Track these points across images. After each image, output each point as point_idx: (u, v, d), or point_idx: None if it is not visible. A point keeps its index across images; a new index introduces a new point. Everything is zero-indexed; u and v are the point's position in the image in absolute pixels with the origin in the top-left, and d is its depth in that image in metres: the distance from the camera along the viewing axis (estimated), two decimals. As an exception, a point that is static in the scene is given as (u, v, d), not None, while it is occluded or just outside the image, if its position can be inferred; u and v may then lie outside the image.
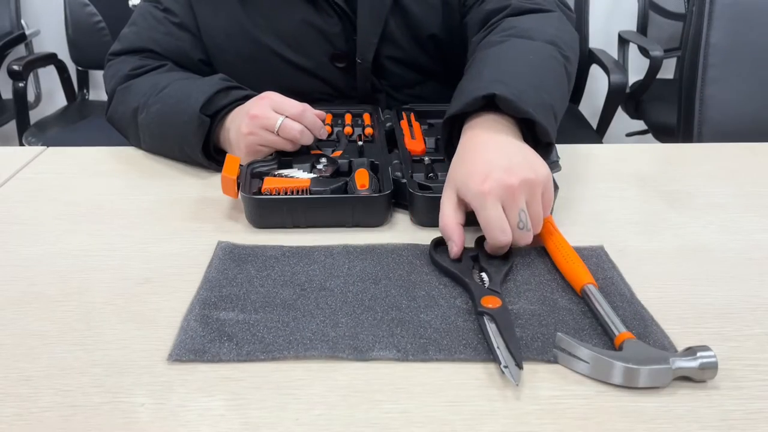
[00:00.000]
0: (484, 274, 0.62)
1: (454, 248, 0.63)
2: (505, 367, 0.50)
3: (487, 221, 0.61)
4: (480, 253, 0.65)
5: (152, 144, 0.91)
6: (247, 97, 0.84)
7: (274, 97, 0.80)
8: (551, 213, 0.71)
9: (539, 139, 0.71)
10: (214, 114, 0.83)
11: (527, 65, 0.75)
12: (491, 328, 0.54)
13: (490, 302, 0.56)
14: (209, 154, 0.85)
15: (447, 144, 0.75)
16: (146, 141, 0.91)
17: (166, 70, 0.95)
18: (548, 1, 0.87)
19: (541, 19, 0.84)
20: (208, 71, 0.98)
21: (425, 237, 0.69)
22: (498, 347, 0.52)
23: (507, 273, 0.62)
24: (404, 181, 0.73)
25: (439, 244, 0.67)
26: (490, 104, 0.69)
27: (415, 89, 1.01)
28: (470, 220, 0.65)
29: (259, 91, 0.84)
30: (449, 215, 0.64)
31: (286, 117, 0.77)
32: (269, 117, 0.77)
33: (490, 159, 0.63)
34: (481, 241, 0.67)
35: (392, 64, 0.98)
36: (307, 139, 0.80)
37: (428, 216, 0.71)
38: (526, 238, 0.63)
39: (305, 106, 0.79)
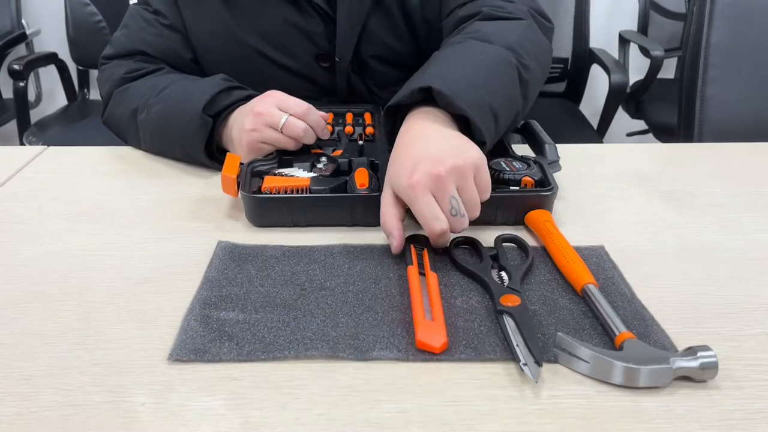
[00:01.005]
0: (503, 273, 0.62)
1: (395, 243, 0.64)
2: (524, 364, 0.50)
3: (420, 212, 0.61)
4: (500, 252, 0.65)
5: (153, 144, 0.91)
6: (249, 97, 0.84)
7: (278, 96, 0.80)
8: (551, 212, 0.72)
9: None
10: (217, 114, 0.83)
11: (474, 65, 0.75)
12: (510, 326, 0.54)
13: (510, 300, 0.57)
14: (212, 154, 0.85)
15: (390, 135, 0.75)
16: (146, 141, 0.91)
17: (163, 73, 0.95)
18: (521, 11, 0.86)
19: (506, 25, 0.83)
20: (200, 71, 0.98)
21: (425, 237, 0.69)
22: (517, 345, 0.52)
23: (527, 271, 0.63)
24: None
25: (459, 244, 0.67)
26: (432, 99, 0.70)
27: (400, 87, 1.01)
28: (501, 221, 0.67)
29: None
30: (387, 212, 0.65)
31: (290, 115, 0.78)
32: (273, 114, 0.77)
33: (418, 152, 0.64)
34: (500, 240, 0.67)
35: (376, 63, 0.98)
36: (310, 138, 0.80)
37: None
38: (462, 224, 0.62)
39: (309, 106, 0.79)
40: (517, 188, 0.73)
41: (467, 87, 0.70)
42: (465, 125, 0.70)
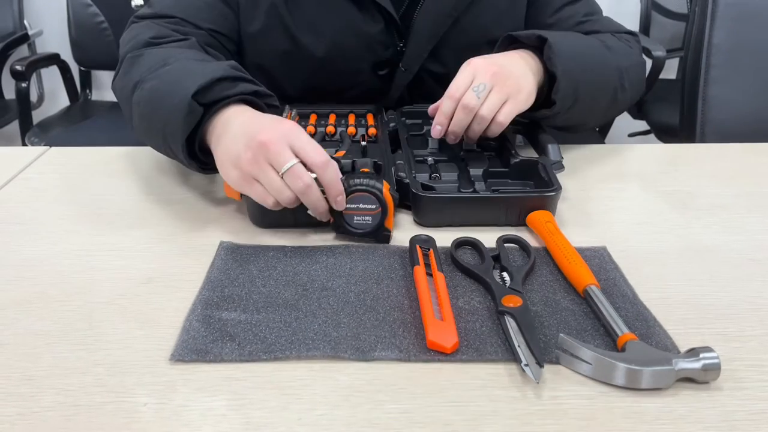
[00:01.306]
0: (505, 274, 0.62)
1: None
2: (526, 365, 0.50)
3: (454, 80, 0.75)
4: (501, 253, 0.65)
5: (140, 127, 0.77)
6: (256, 94, 0.73)
7: (297, 134, 0.64)
8: (553, 214, 0.72)
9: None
10: (212, 104, 0.69)
11: (590, 61, 0.85)
12: (512, 326, 0.54)
13: (511, 301, 0.57)
14: (192, 151, 0.72)
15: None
16: (136, 122, 0.78)
17: (184, 45, 0.83)
18: (631, 42, 0.95)
19: (623, 47, 0.92)
20: (234, 58, 0.93)
21: (427, 237, 0.69)
22: (519, 346, 0.52)
23: (528, 272, 0.63)
24: (407, 181, 0.73)
25: (460, 245, 0.67)
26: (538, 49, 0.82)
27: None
28: (505, 221, 0.69)
29: (283, 88, 0.83)
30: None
31: (300, 162, 0.63)
32: (281, 153, 0.62)
33: (497, 58, 0.79)
34: (501, 241, 0.67)
35: (431, 80, 0.98)
36: (314, 200, 0.64)
37: (431, 216, 0.72)
38: (471, 107, 0.74)
39: (331, 161, 0.64)
40: (520, 189, 0.73)
41: (573, 62, 0.81)
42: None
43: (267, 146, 0.62)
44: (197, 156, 0.72)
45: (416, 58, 0.94)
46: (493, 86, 0.74)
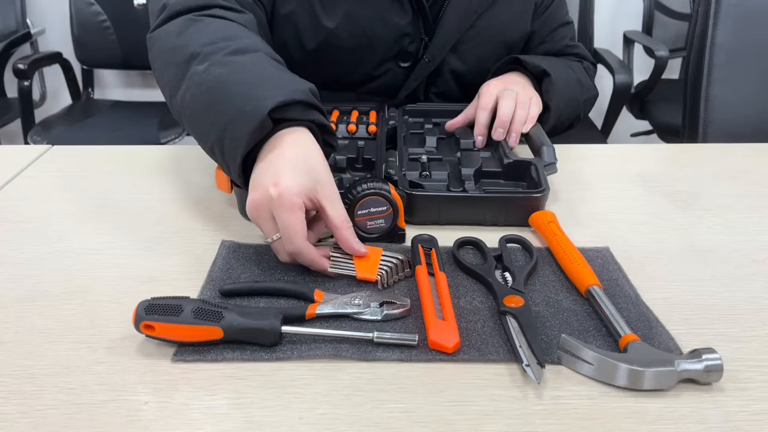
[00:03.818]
0: (507, 274, 0.62)
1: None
2: (527, 365, 0.50)
3: (481, 97, 0.88)
4: (504, 253, 0.65)
5: (185, 107, 0.68)
6: (323, 127, 0.66)
7: (331, 205, 0.60)
8: (555, 220, 0.72)
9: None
10: (279, 120, 0.63)
11: (571, 90, 0.98)
12: (513, 326, 0.54)
13: (513, 301, 0.57)
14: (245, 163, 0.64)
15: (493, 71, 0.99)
16: (182, 99, 0.68)
17: (250, 30, 0.77)
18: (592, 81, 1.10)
19: (588, 82, 1.07)
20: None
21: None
22: (520, 346, 0.52)
23: (530, 272, 0.63)
24: (396, 178, 0.73)
25: (462, 244, 0.67)
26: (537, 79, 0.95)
27: (455, 100, 1.04)
28: (491, 221, 0.69)
29: (308, 78, 0.86)
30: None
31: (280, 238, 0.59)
32: (292, 217, 0.58)
33: (508, 77, 0.94)
34: (504, 241, 0.67)
35: (449, 75, 1.01)
36: (309, 262, 0.61)
37: (417, 213, 0.71)
38: (509, 105, 0.86)
39: (347, 221, 0.62)
40: (510, 189, 0.73)
41: (561, 97, 0.93)
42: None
43: (288, 206, 0.58)
44: (246, 171, 0.64)
45: (440, 50, 0.98)
46: (517, 91, 0.87)
